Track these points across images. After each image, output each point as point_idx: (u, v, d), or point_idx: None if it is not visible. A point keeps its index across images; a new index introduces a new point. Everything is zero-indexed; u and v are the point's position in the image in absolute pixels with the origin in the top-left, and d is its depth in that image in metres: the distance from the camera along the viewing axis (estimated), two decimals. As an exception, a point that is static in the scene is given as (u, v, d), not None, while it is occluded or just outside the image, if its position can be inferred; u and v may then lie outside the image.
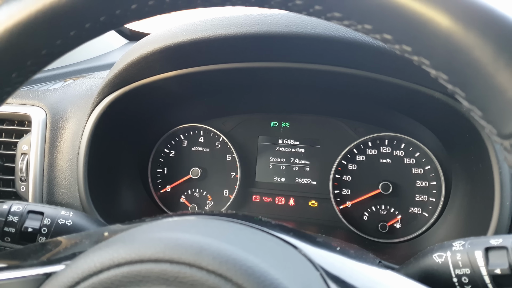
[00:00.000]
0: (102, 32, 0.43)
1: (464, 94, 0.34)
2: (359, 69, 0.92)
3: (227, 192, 1.44)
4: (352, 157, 1.34)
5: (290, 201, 1.40)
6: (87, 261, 0.43)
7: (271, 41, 0.85)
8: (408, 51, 0.35)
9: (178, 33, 0.89)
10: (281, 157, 1.42)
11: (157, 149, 1.48)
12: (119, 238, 0.47)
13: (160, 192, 1.48)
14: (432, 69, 0.35)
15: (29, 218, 0.82)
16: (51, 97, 1.25)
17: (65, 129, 1.19)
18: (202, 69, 1.00)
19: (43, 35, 0.40)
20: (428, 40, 0.33)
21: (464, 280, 0.62)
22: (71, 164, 1.16)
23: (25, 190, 1.18)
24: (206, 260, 0.40)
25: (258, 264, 0.41)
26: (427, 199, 1.25)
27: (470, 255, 0.62)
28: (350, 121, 1.35)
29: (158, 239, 0.44)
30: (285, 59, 0.94)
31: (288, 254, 0.48)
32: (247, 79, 1.10)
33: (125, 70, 1.00)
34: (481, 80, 0.32)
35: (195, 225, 0.48)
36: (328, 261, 0.49)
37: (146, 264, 0.41)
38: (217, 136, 1.45)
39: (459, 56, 0.32)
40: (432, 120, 1.08)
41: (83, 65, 1.71)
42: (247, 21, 0.83)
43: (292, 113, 1.42)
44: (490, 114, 0.33)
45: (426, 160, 1.26)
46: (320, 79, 1.02)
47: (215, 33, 0.85)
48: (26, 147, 1.19)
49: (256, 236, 0.49)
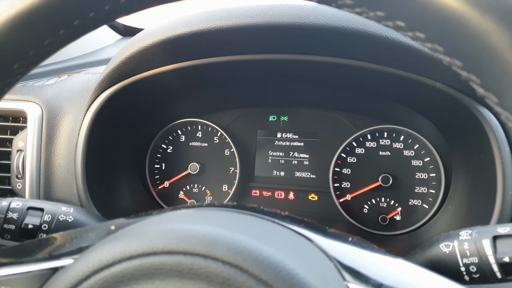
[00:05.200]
0: (106, 22, 0.42)
1: (479, 81, 0.34)
2: (361, 60, 0.91)
3: (226, 187, 1.43)
4: (351, 150, 1.34)
5: (290, 195, 1.40)
6: (98, 254, 0.43)
7: (273, 32, 0.84)
8: (422, 38, 0.35)
9: (178, 25, 0.87)
10: (280, 151, 1.41)
11: (154, 144, 1.47)
12: (129, 231, 0.46)
13: (158, 188, 1.47)
14: (446, 56, 0.35)
15: (29, 214, 0.81)
16: (46, 92, 1.23)
17: (62, 125, 1.17)
18: (201, 62, 0.98)
19: (45, 24, 0.39)
20: (442, 26, 0.32)
21: (472, 269, 0.62)
22: (68, 160, 1.14)
23: (22, 188, 1.16)
24: (221, 251, 0.40)
25: (273, 254, 0.40)
26: (426, 191, 1.26)
27: (477, 244, 0.62)
28: (349, 114, 1.35)
29: (170, 230, 0.43)
30: (287, 50, 0.93)
31: (301, 244, 0.47)
32: (246, 72, 1.08)
33: (123, 64, 0.98)
34: (498, 65, 0.31)
35: (206, 217, 0.47)
36: (341, 252, 0.49)
37: (159, 256, 0.40)
38: (215, 131, 1.44)
39: (475, 41, 0.31)
40: (433, 111, 1.08)
41: (77, 61, 1.68)
42: (249, 12, 0.82)
43: (290, 106, 1.41)
44: (506, 100, 0.33)
45: (425, 152, 1.26)
46: (321, 71, 1.01)
47: (217, 24, 0.83)
48: (22, 143, 1.17)
49: (268, 227, 0.49)
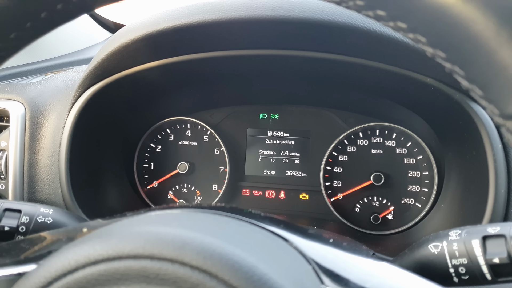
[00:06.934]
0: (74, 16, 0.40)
1: (463, 73, 0.33)
2: (350, 55, 0.89)
3: (216, 186, 1.41)
4: (343, 148, 1.32)
5: (281, 194, 1.37)
6: (61, 259, 0.41)
7: (257, 26, 0.82)
8: (403, 28, 0.34)
9: (159, 20, 0.85)
10: (271, 150, 1.39)
11: (142, 143, 1.44)
12: (96, 234, 0.44)
13: (147, 188, 1.44)
14: (429, 47, 0.33)
15: (6, 216, 0.79)
16: (30, 91, 1.20)
17: (46, 124, 1.15)
18: (185, 58, 0.96)
19: (11, 17, 0.38)
20: (424, 15, 0.31)
21: (461, 270, 0.60)
22: (52, 160, 1.12)
23: (5, 188, 1.14)
24: (190, 255, 0.37)
25: (245, 258, 0.38)
26: (419, 190, 1.24)
27: (467, 245, 0.60)
28: (341, 112, 1.33)
29: (137, 233, 0.41)
30: (272, 46, 0.91)
31: (278, 247, 0.45)
32: (233, 68, 1.06)
33: (105, 61, 0.96)
34: (482, 56, 0.30)
35: (178, 219, 0.45)
36: (321, 254, 0.46)
37: (124, 261, 0.38)
38: (205, 129, 1.42)
39: (458, 31, 0.30)
40: (424, 107, 1.06)
41: (65, 59, 1.66)
42: (232, 5, 0.79)
43: (281, 104, 1.39)
44: (491, 92, 0.31)
45: (418, 150, 1.25)
46: (309, 67, 0.99)
47: (199, 18, 0.81)
48: (5, 143, 1.15)
49: (243, 229, 0.46)
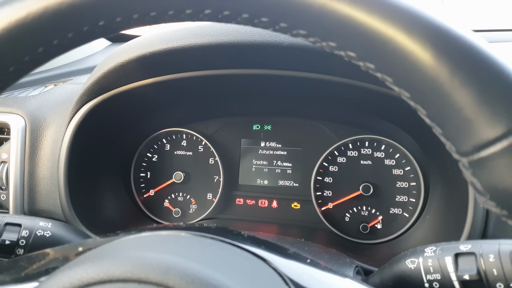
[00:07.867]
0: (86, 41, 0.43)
1: (425, 112, 0.35)
2: (336, 75, 0.93)
3: (210, 195, 1.44)
4: (333, 159, 1.35)
5: (273, 204, 1.41)
6: (57, 282, 0.44)
7: (245, 50, 0.85)
8: (372, 68, 0.37)
9: (153, 42, 0.88)
10: (264, 160, 1.42)
11: (139, 153, 1.48)
12: (88, 257, 0.48)
13: (144, 197, 1.48)
14: (395, 86, 0.36)
15: (7, 230, 0.82)
16: (30, 104, 1.24)
17: (45, 136, 1.18)
18: (179, 76, 1.00)
19: (10, 51, 0.40)
20: (388, 59, 0.34)
21: (435, 286, 0.64)
22: (51, 171, 1.15)
23: (6, 199, 1.17)
24: (173, 280, 0.41)
25: (224, 282, 0.42)
26: (407, 200, 1.27)
27: (440, 261, 0.64)
28: (331, 124, 1.36)
29: (126, 257, 0.44)
30: (261, 66, 0.95)
31: (257, 268, 0.49)
32: (225, 85, 1.10)
33: (102, 78, 1.00)
34: (439, 98, 0.33)
35: (164, 242, 0.49)
36: (297, 274, 0.50)
37: (115, 284, 0.42)
38: (200, 140, 1.45)
39: (418, 74, 0.33)
40: (409, 123, 1.09)
41: (65, 69, 1.69)
42: (221, 31, 0.83)
43: (274, 116, 1.42)
44: (448, 131, 0.34)
45: (406, 161, 1.28)
46: (297, 86, 1.02)
47: (190, 42, 0.85)
48: (6, 155, 1.18)
49: (225, 252, 0.50)
